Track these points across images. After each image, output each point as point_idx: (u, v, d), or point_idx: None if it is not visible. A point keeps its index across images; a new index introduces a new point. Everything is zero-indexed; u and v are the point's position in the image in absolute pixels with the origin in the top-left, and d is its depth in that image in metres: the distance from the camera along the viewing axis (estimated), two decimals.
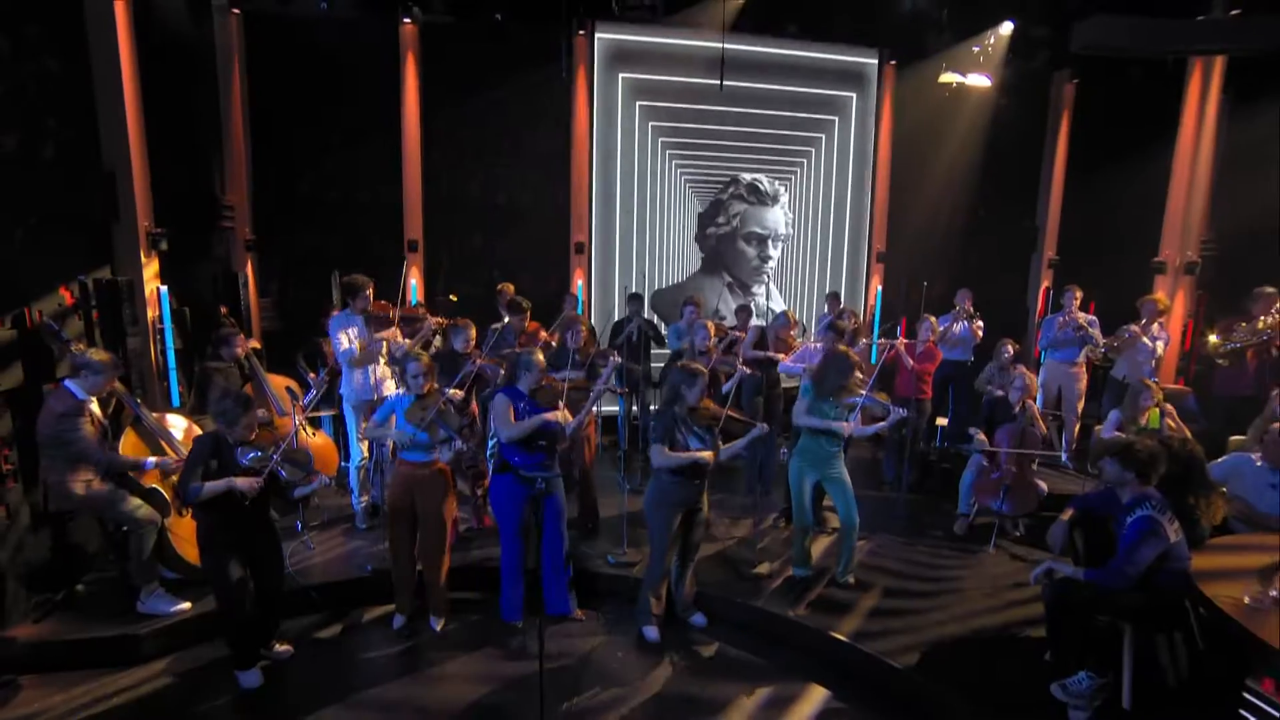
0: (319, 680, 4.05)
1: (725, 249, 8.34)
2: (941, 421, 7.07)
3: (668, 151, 8.11)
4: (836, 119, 8.39)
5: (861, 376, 4.66)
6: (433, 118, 7.61)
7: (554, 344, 5.69)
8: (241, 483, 3.69)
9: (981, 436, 5.45)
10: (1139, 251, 7.84)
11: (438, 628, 4.53)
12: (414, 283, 7.61)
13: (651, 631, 4.34)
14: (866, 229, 8.58)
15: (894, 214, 8.58)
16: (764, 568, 5.00)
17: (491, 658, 4.25)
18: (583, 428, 4.48)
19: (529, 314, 5.96)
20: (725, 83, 6.89)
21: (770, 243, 8.42)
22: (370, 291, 5.48)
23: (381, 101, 7.42)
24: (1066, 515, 3.83)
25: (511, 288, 6.52)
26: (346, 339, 5.36)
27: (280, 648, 4.24)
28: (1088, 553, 3.79)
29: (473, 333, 5.32)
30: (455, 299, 7.08)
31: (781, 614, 4.46)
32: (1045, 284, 8.64)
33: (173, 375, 5.96)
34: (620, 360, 5.34)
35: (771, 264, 8.47)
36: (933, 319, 6.35)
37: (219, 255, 7.11)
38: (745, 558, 5.14)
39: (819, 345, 5.49)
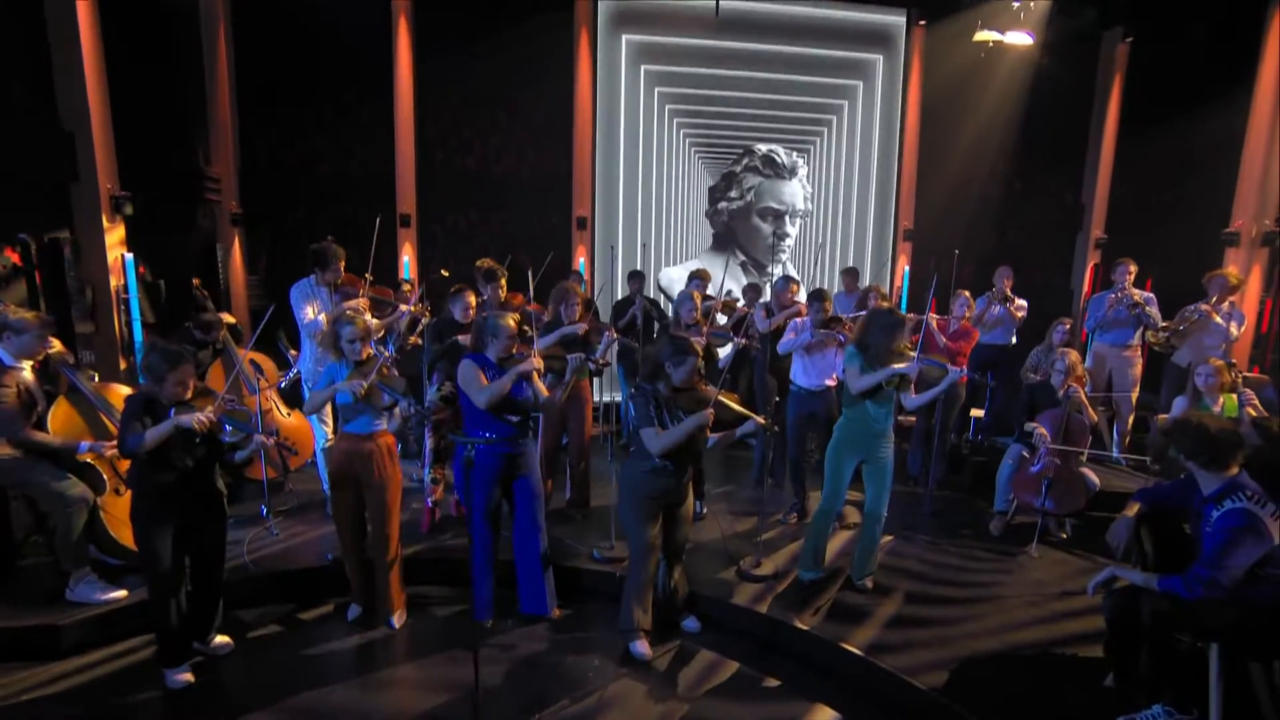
0: (256, 680, 3.52)
1: (738, 225, 7.77)
2: (976, 413, 6.44)
3: (675, 120, 7.55)
4: (860, 84, 7.75)
5: (912, 337, 3.95)
6: (426, 87, 7.21)
7: (546, 316, 5.11)
8: (187, 417, 3.19)
9: (1042, 430, 4.69)
10: (1203, 225, 7.00)
11: (396, 624, 3.97)
12: (407, 259, 7.14)
13: (640, 648, 3.67)
14: (893, 205, 7.88)
15: (923, 189, 7.89)
16: (768, 567, 4.33)
17: (451, 662, 3.66)
18: (560, 400, 3.87)
19: (505, 281, 5.40)
20: (738, 44, 6.27)
21: (788, 219, 7.82)
22: (342, 263, 4.99)
23: (374, 71, 7.03)
24: (1131, 511, 3.11)
25: (489, 261, 6.00)
26: (313, 311, 4.85)
27: (219, 641, 3.70)
28: (1157, 557, 3.06)
29: (472, 299, 4.80)
30: (447, 274, 6.56)
31: (786, 621, 3.80)
32: (1092, 264, 7.84)
33: (139, 348, 5.49)
34: (616, 336, 4.80)
35: (789, 242, 7.85)
36: (968, 294, 5.63)
37: (203, 228, 6.69)
38: (745, 554, 4.49)
39: (808, 320, 4.89)
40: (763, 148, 7.65)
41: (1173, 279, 6.38)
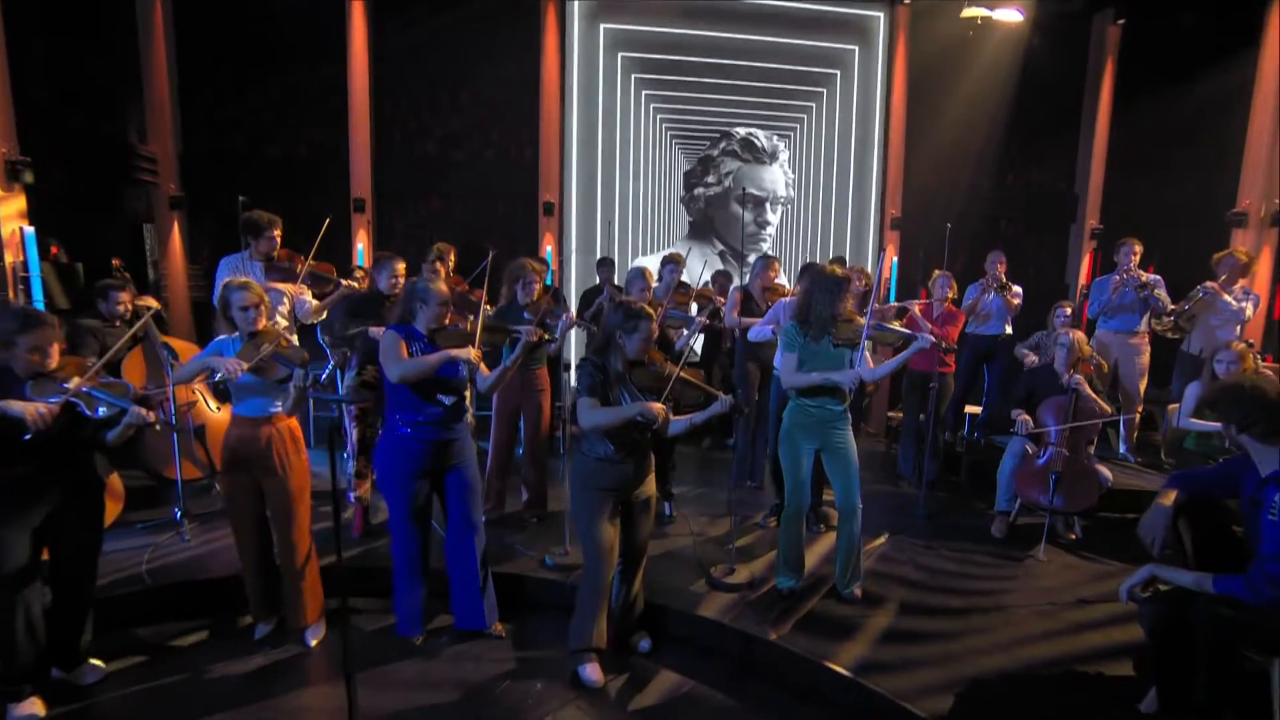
0: (127, 714, 2.88)
1: (716, 212, 7.31)
2: (973, 409, 5.94)
3: (650, 102, 7.11)
4: (840, 69, 7.33)
5: (858, 292, 3.46)
6: (383, 66, 6.70)
7: (501, 299, 4.56)
8: (19, 406, 2.58)
9: (1025, 418, 4.25)
10: (1204, 209, 6.58)
11: (312, 642, 3.38)
12: (361, 246, 6.60)
13: (589, 674, 3.08)
14: (878, 192, 7.41)
15: (910, 175, 7.45)
16: (742, 574, 3.75)
17: (367, 685, 3.04)
18: (501, 382, 3.32)
19: (447, 261, 4.87)
20: (716, 31, 5.81)
21: (768, 206, 7.37)
22: (277, 234, 4.47)
23: (327, 47, 6.51)
24: (1167, 499, 2.57)
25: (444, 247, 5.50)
26: None
27: (90, 665, 3.08)
28: (1200, 554, 2.52)
29: (400, 267, 4.22)
30: (416, 281, 6.05)
31: (760, 636, 3.23)
32: (1090, 250, 7.40)
33: None
34: (575, 319, 4.29)
35: (770, 230, 7.37)
36: (949, 274, 5.20)
37: (135, 210, 6.11)
38: (717, 561, 3.90)
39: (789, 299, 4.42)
40: (742, 131, 7.22)
41: (1176, 268, 5.96)
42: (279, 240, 4.53)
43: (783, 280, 5.04)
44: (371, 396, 4.05)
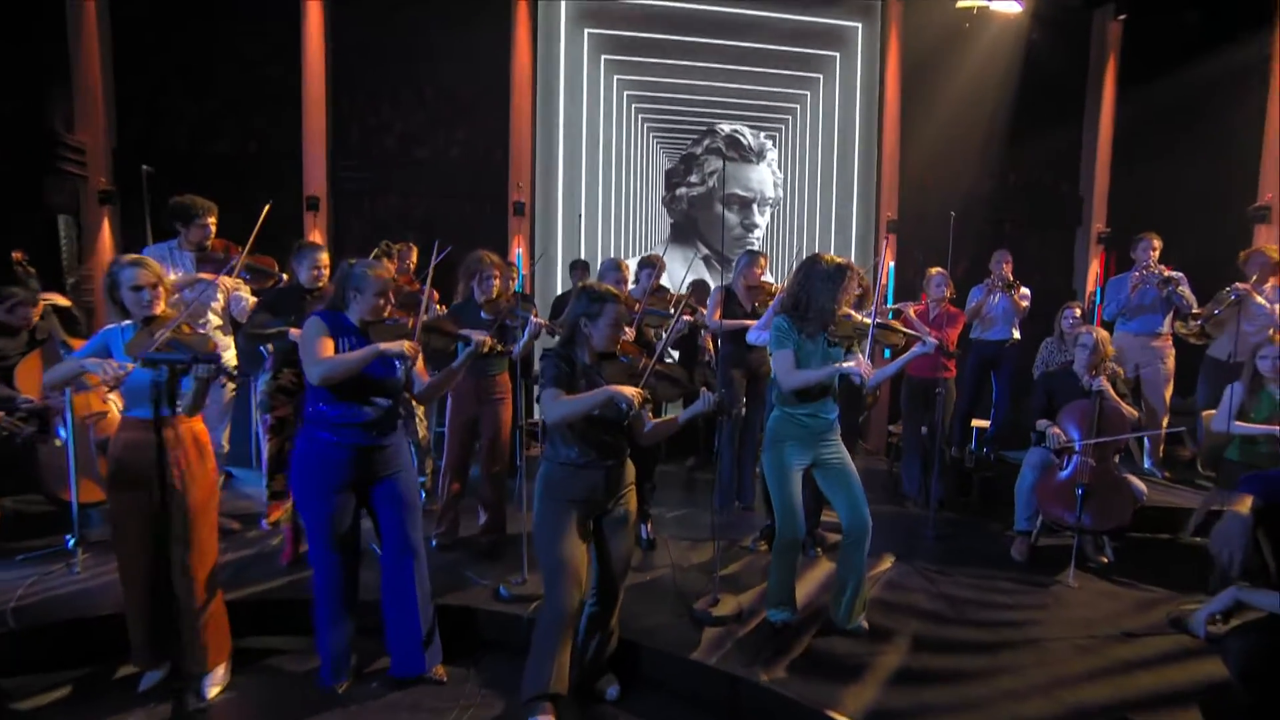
0: None
1: (699, 214, 6.99)
2: (980, 423, 5.58)
3: (628, 96, 6.80)
4: (830, 62, 7.08)
5: (860, 290, 3.25)
6: (341, 57, 6.35)
7: (457, 296, 4.16)
8: None
9: (1055, 430, 3.87)
10: (1221, 207, 6.30)
11: (210, 693, 2.84)
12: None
13: None
14: (872, 193, 7.09)
15: (906, 176, 7.14)
16: (728, 606, 3.28)
17: None
18: (442, 389, 2.89)
19: (408, 258, 4.50)
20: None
21: (755, 207, 7.04)
22: (212, 221, 4.08)
23: (279, 35, 6.16)
24: (1244, 505, 2.13)
25: (401, 246, 5.15)
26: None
27: None
28: None
29: (324, 257, 3.82)
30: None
31: (749, 678, 2.75)
32: (1098, 260, 7.14)
33: None
34: (544, 322, 3.88)
35: (758, 233, 7.03)
36: (945, 272, 4.88)
37: (55, 202, 5.64)
38: (700, 591, 3.44)
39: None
40: (726, 128, 6.91)
41: (1192, 270, 5.59)
42: (214, 229, 4.12)
43: (770, 278, 4.71)
44: (289, 404, 3.59)
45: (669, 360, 4.15)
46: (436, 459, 4.79)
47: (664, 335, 4.08)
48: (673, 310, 4.53)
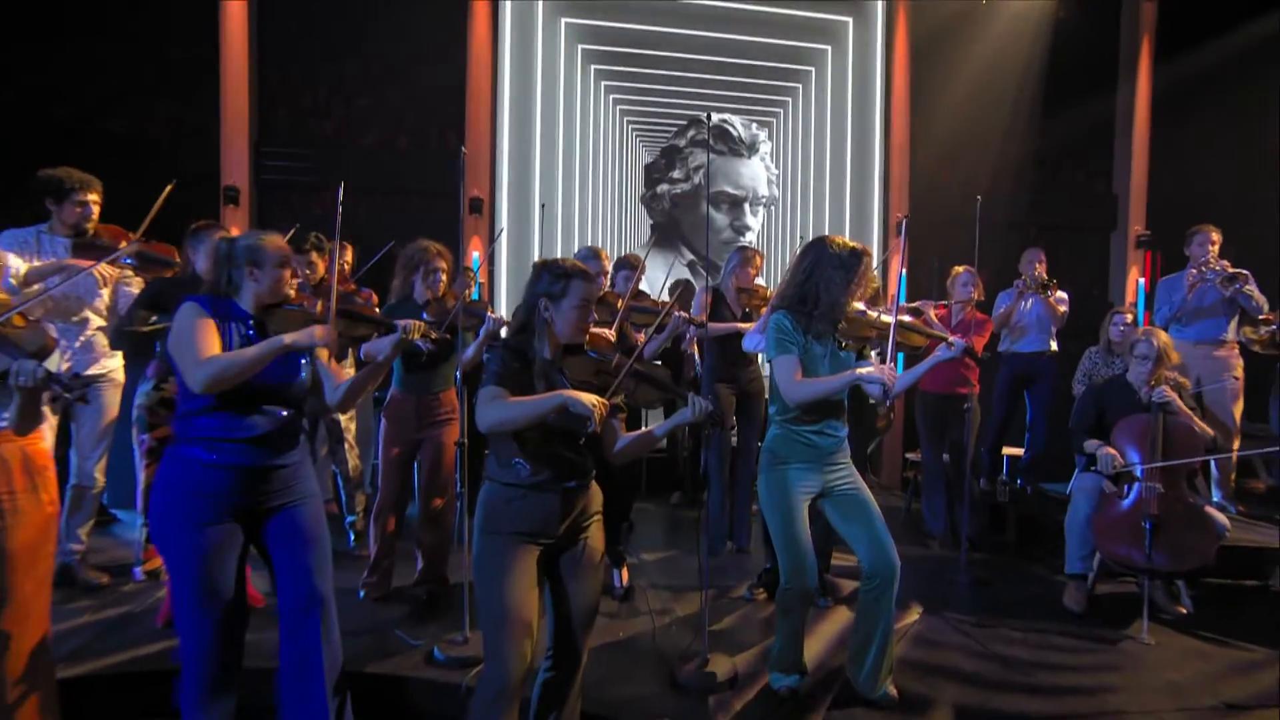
0: None
1: (684, 215, 6.74)
2: (1012, 450, 5.33)
3: (603, 82, 6.59)
4: (831, 43, 6.94)
5: (875, 284, 3.02)
6: (268, 27, 6.08)
7: (392, 295, 3.85)
8: None
9: (1109, 451, 3.58)
10: (1274, 204, 6.11)
11: None
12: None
13: None
14: (880, 190, 6.91)
15: (917, 170, 6.96)
16: (721, 667, 2.89)
17: None
18: (360, 393, 2.49)
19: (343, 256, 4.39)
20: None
21: (747, 207, 6.81)
22: (93, 199, 3.75)
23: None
24: None
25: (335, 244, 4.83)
26: (17, 262, 3.46)
27: None
28: None
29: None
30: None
31: None
32: (1146, 264, 6.95)
33: None
34: (501, 317, 3.54)
35: (750, 236, 6.80)
36: (972, 270, 4.62)
37: None
38: (686, 651, 3.07)
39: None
40: (714, 117, 6.66)
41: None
42: (96, 210, 3.77)
43: (763, 282, 4.52)
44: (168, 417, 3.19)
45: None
46: (370, 494, 4.50)
47: (652, 333, 3.80)
48: (663, 313, 4.34)
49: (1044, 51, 6.90)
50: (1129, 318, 4.76)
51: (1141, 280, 6.78)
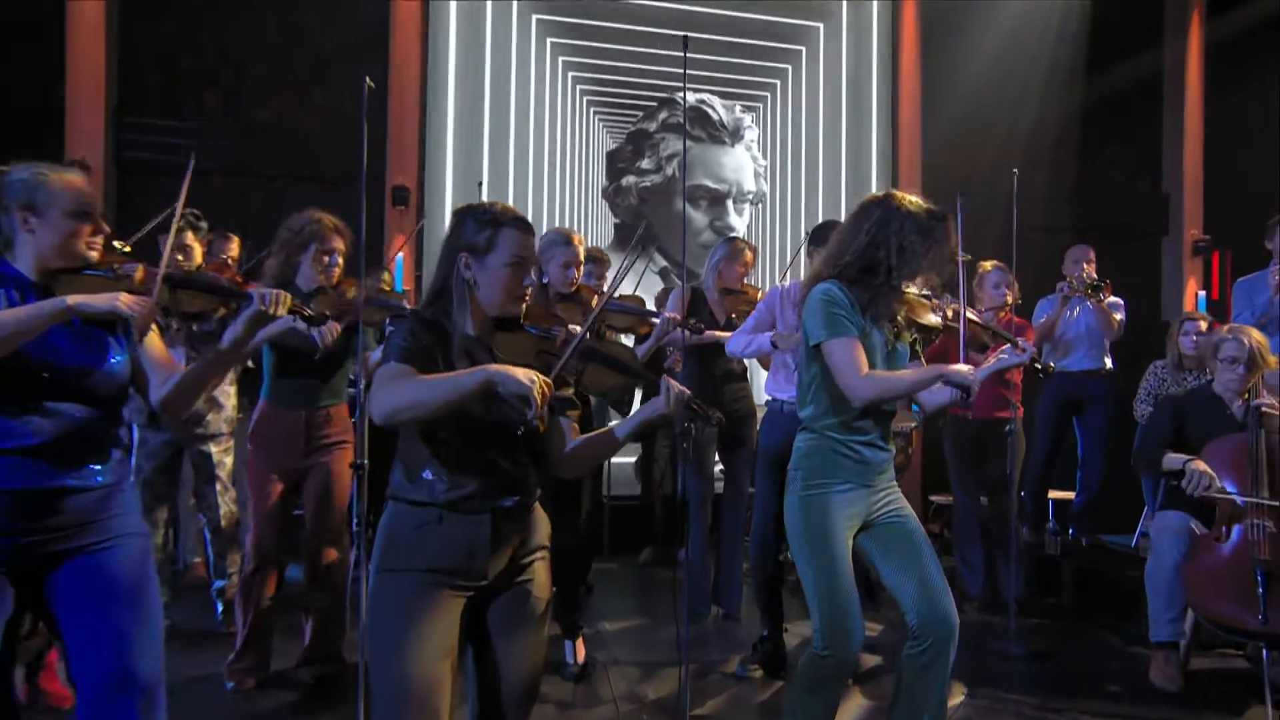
0: None
1: (655, 212, 6.68)
2: (1060, 494, 5.29)
3: (559, 58, 6.55)
4: (826, 17, 7.01)
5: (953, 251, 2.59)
6: None
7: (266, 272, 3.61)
8: None
9: (1199, 465, 3.33)
10: None
11: None
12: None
13: None
14: (884, 185, 6.93)
15: (931, 162, 6.98)
16: None
17: None
18: (203, 386, 2.15)
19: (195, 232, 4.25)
20: None
21: (731, 204, 6.78)
22: None
23: None
24: None
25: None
26: None
27: None
28: None
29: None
30: (129, 249, 5.04)
31: None
32: (1194, 280, 6.98)
33: None
34: (409, 307, 3.27)
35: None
36: (1003, 266, 4.58)
37: None
38: None
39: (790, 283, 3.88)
40: (690, 97, 6.64)
41: None
42: None
43: (756, 283, 4.65)
44: None
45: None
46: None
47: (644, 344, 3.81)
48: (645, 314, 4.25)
49: (1075, 24, 7.02)
50: (1202, 325, 4.66)
51: (1202, 293, 6.80)
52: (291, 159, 6.15)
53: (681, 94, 6.59)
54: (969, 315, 2.72)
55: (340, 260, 3.39)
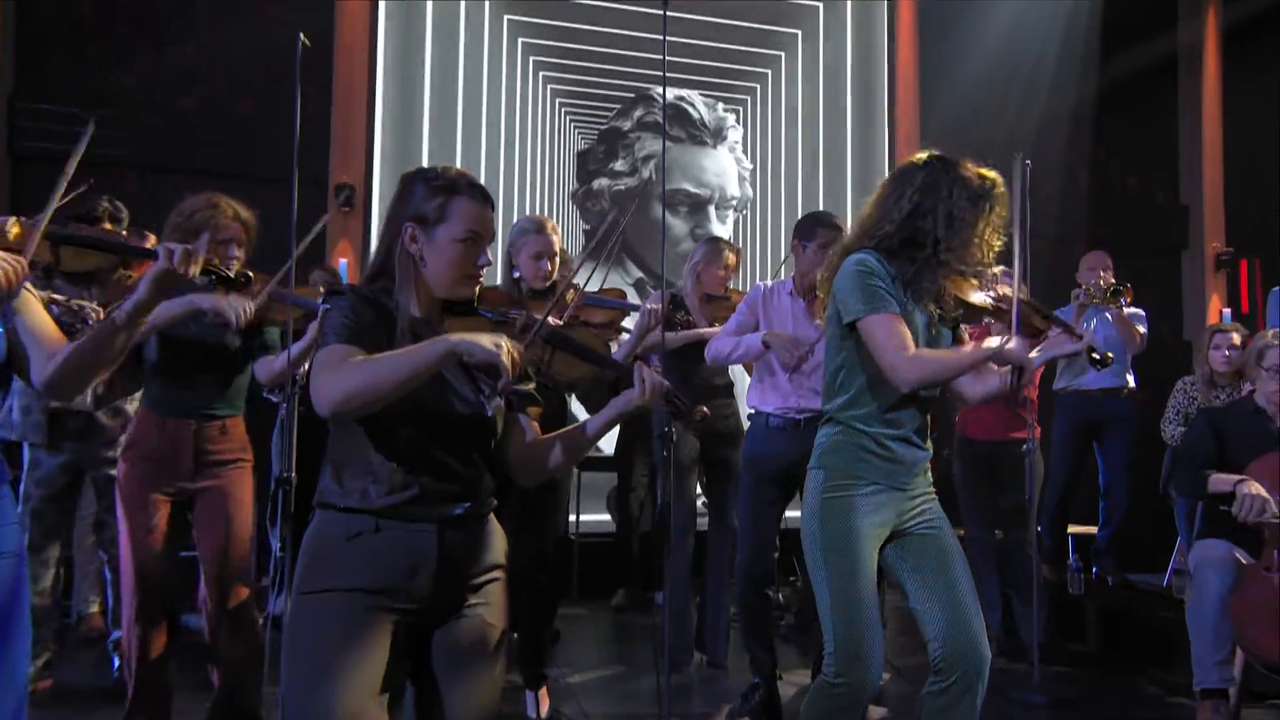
0: None
1: (630, 219, 6.66)
2: (1081, 529, 5.33)
3: (527, 51, 6.65)
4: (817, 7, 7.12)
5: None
6: None
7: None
8: None
9: (1254, 489, 3.27)
10: None
11: None
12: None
13: None
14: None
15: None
16: None
17: None
18: (103, 358, 2.05)
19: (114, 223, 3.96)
20: None
21: (713, 210, 6.86)
22: None
23: None
24: None
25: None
26: None
27: None
28: None
29: None
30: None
31: None
32: (1216, 297, 7.10)
33: None
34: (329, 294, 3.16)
35: None
36: (1010, 269, 4.54)
37: None
38: None
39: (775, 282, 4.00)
40: (669, 94, 6.63)
41: None
42: None
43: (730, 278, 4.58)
44: None
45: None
46: None
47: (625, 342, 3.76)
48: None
49: (1083, 22, 7.15)
50: (1235, 338, 4.66)
51: (1228, 310, 6.90)
52: (216, 152, 6.09)
53: (661, 71, 6.53)
54: (1021, 296, 2.62)
55: (239, 253, 3.18)
